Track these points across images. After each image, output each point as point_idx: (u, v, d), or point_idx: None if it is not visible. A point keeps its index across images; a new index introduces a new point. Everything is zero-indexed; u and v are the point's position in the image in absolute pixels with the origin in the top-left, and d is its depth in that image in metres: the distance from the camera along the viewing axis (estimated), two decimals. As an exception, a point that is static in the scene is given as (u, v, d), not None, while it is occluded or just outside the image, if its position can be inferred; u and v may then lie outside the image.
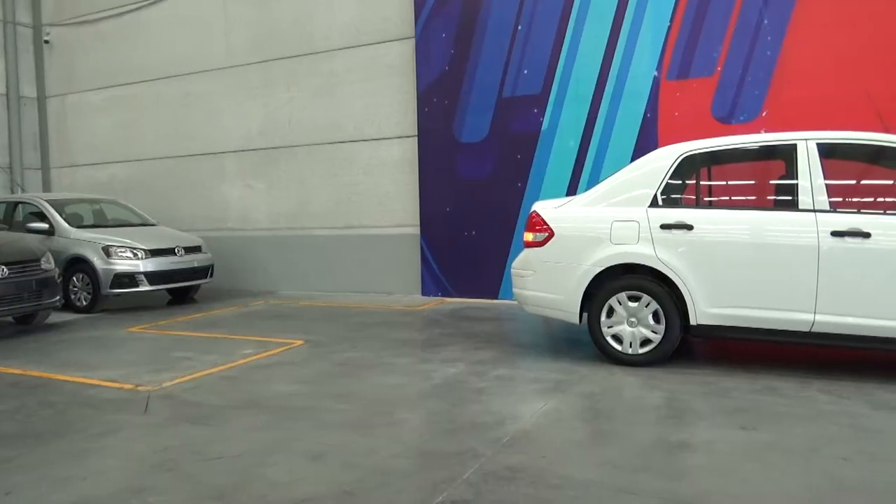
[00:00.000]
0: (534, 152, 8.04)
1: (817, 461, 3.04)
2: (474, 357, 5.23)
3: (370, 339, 6.10)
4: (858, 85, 6.53)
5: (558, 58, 7.88)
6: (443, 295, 8.67)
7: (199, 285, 9.12)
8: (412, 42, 8.79)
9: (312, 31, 9.61)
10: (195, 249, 8.89)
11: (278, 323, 7.14)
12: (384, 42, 9.09)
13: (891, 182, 4.94)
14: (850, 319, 4.22)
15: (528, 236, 5.18)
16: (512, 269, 5.37)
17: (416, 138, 8.83)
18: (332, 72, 9.50)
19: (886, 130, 4.81)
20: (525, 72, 8.06)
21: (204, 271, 8.90)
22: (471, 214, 8.42)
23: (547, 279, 5.03)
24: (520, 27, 8.05)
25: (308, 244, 9.82)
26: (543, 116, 7.99)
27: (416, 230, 8.89)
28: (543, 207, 5.20)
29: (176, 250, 8.55)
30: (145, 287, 8.18)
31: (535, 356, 5.25)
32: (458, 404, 4.00)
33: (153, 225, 9.41)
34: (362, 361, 5.19)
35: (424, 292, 8.82)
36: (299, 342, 5.99)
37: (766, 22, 6.94)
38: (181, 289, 9.01)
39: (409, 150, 8.95)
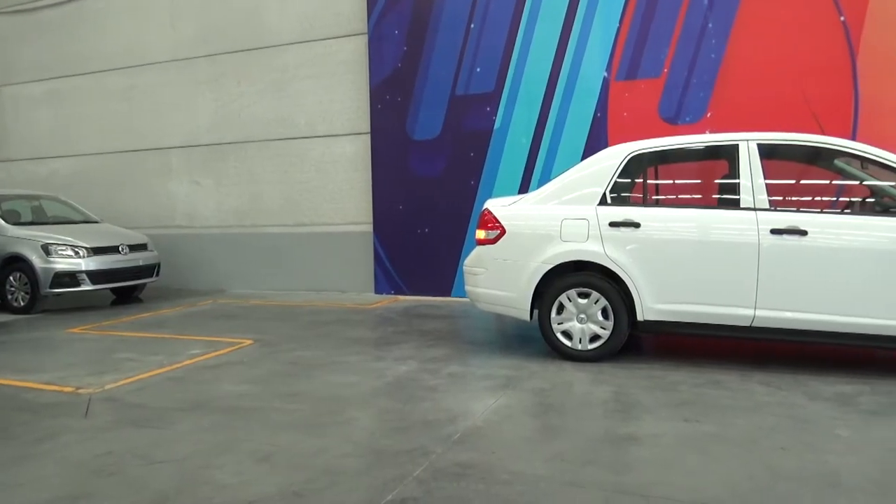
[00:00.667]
0: (486, 150, 8.09)
1: (757, 451, 3.15)
2: (427, 355, 5.23)
3: (322, 337, 6.04)
4: (796, 87, 6.78)
5: (510, 56, 7.94)
6: (396, 293, 8.65)
7: (144, 284, 8.88)
8: (365, 38, 8.73)
9: (263, 24, 9.45)
10: (140, 247, 8.64)
11: (227, 322, 7.00)
12: (337, 38, 9.00)
13: (826, 182, 5.16)
14: (788, 314, 4.38)
15: (480, 234, 5.20)
16: (464, 267, 5.39)
17: (368, 135, 8.77)
18: (284, 67, 9.35)
19: (822, 131, 5.01)
20: (478, 70, 8.10)
21: (150, 270, 8.66)
22: (424, 212, 8.42)
23: (499, 276, 5.07)
24: (472, 25, 8.08)
25: (258, 242, 9.66)
26: (496, 114, 8.04)
27: (369, 228, 8.84)
28: (495, 205, 5.24)
29: (120, 248, 8.30)
30: (87, 286, 7.91)
31: (487, 353, 5.29)
32: (409, 402, 4.00)
33: (96, 222, 9.11)
34: (313, 360, 5.14)
35: (377, 290, 8.78)
36: (249, 342, 5.89)
37: (710, 25, 7.13)
38: (126, 288, 8.76)
39: (361, 148, 8.89)
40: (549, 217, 4.93)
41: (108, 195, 10.72)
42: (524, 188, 7.81)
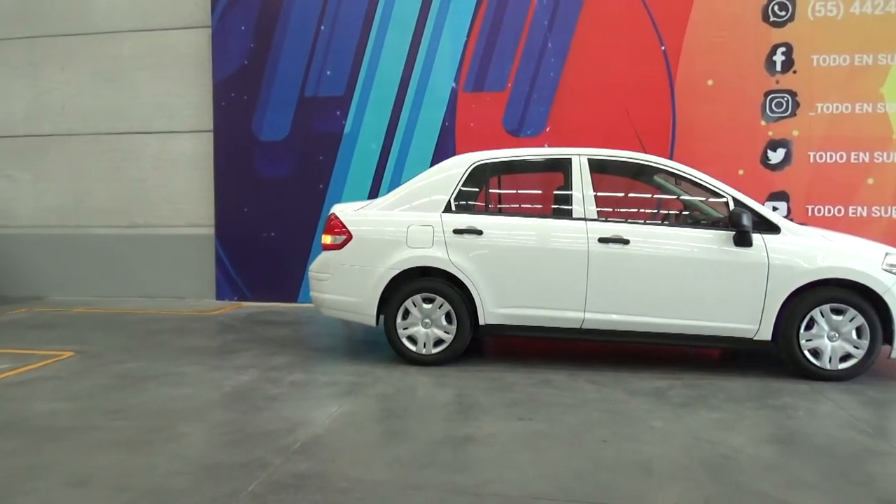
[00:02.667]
0: (336, 154, 8.00)
1: (582, 445, 3.38)
2: (269, 363, 5.07)
3: (155, 347, 5.64)
4: (623, 108, 7.37)
5: (361, 61, 7.93)
6: (239, 299, 8.29)
7: (-58, 291, 7.80)
8: (208, 31, 8.31)
9: (91, 8, 8.67)
10: (-63, 249, 7.59)
11: (44, 333, 6.33)
12: (177, 28, 8.48)
13: (648, 196, 5.65)
14: (613, 317, 4.75)
15: (327, 239, 5.15)
16: (310, 272, 5.30)
17: (211, 133, 8.35)
18: (116, 55, 8.65)
19: (644, 150, 5.50)
20: (328, 73, 8.00)
21: (-51, 274, 7.63)
22: (270, 215, 8.15)
23: (345, 282, 5.03)
24: (322, 27, 7.97)
25: (85, 244, 8.83)
26: (346, 118, 7.98)
27: (211, 230, 8.40)
28: (342, 210, 5.21)
29: (-90, 250, 7.24)
30: None
31: (332, 360, 5.22)
32: (248, 413, 3.85)
33: None
34: (144, 372, 4.79)
35: (219, 296, 8.36)
36: (69, 354, 5.36)
37: (550, 45, 7.58)
38: (-82, 295, 7.65)
39: (203, 146, 8.44)
40: (396, 223, 4.98)
41: None
42: (374, 193, 7.81)
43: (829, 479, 2.96)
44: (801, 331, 4.55)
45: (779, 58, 7.22)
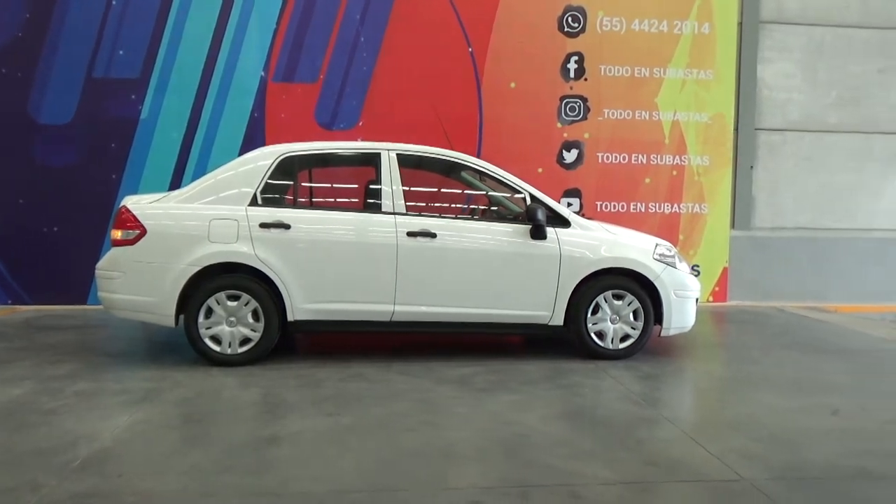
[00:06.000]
0: (131, 142, 7.35)
1: (388, 435, 3.43)
2: (48, 373, 4.53)
3: None
4: (432, 106, 7.60)
5: (160, 42, 7.35)
6: (14, 302, 7.31)
7: None
8: (-29, -4, 7.22)
9: None
10: None
11: None
12: (-70, -11, 7.27)
13: (458, 191, 5.88)
14: (422, 308, 4.88)
15: (117, 234, 4.72)
16: (97, 271, 4.83)
17: (-24, 114, 7.28)
18: None
19: (452, 147, 5.70)
20: (121, 52, 7.32)
21: None
22: (52, 208, 7.28)
23: (138, 280, 4.65)
24: (114, 2, 7.26)
25: None
26: (143, 103, 7.36)
27: (-23, 225, 7.33)
28: (135, 203, 4.80)
29: None
30: None
31: (125, 365, 4.81)
32: (18, 431, 3.41)
33: None
34: None
35: (-12, 300, 7.34)
36: None
37: (362, 40, 7.58)
38: None
39: (-34, 128, 7.33)
40: (196, 217, 4.69)
41: None
42: (175, 185, 7.28)
43: (607, 448, 3.29)
44: (589, 315, 5.00)
45: (572, 66, 7.87)
